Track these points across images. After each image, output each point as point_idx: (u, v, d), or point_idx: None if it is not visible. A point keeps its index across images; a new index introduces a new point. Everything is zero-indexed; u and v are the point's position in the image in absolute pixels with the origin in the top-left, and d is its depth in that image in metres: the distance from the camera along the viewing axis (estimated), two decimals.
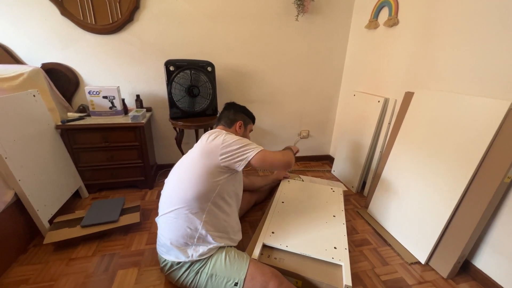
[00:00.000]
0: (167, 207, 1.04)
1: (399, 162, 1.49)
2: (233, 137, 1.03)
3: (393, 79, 1.70)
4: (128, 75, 1.84)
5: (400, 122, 1.52)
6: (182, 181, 1.03)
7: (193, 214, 0.98)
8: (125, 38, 1.74)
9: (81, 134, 1.59)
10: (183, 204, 0.99)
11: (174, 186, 1.05)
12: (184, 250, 0.98)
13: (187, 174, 1.02)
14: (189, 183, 1.00)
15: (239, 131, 1.21)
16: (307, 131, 2.41)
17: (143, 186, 1.84)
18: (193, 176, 1.00)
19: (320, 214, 1.36)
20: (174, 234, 1.00)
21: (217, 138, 1.02)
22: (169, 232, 1.02)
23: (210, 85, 1.77)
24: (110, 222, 1.35)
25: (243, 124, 1.23)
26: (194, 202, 0.98)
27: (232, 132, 1.16)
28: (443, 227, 1.18)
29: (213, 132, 1.09)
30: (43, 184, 1.34)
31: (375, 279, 1.18)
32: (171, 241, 1.00)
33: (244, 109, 1.28)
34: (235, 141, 1.01)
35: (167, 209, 1.03)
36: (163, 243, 1.03)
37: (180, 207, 0.99)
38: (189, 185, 0.99)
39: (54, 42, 1.65)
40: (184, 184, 1.01)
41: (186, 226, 0.98)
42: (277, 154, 1.09)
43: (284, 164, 1.10)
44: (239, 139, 1.03)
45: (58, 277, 1.11)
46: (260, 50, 2.01)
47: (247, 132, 1.29)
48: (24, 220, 1.25)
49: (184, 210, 0.99)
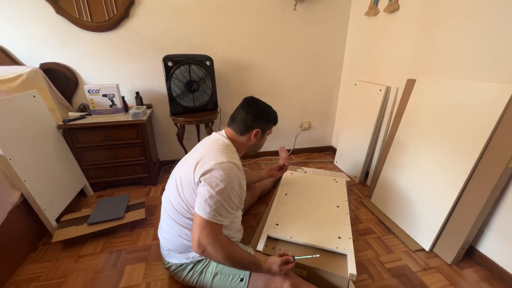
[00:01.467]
0: (164, 213, 1.02)
1: (402, 151, 1.48)
2: (223, 186, 0.83)
3: (395, 67, 1.67)
4: (127, 72, 1.83)
5: (402, 110, 1.50)
6: (174, 191, 0.95)
7: (185, 228, 0.94)
8: (121, 35, 1.72)
9: (83, 133, 1.59)
10: (175, 217, 0.96)
11: (169, 194, 0.99)
12: (185, 254, 0.98)
13: (178, 185, 0.94)
14: (178, 196, 0.93)
15: (254, 140, 1.01)
16: (308, 122, 2.40)
17: (147, 182, 1.85)
18: (181, 191, 0.93)
19: (324, 204, 1.37)
20: (171, 244, 0.99)
21: (201, 161, 0.87)
22: (166, 241, 1.01)
23: (209, 80, 1.75)
24: (116, 219, 1.37)
25: (261, 132, 1.02)
26: (183, 216, 0.93)
27: (242, 141, 1.01)
28: (447, 214, 1.19)
29: (213, 148, 0.93)
30: (48, 184, 1.35)
31: (379, 267, 1.19)
32: (169, 249, 1.00)
33: (267, 113, 1.03)
34: (218, 194, 0.83)
35: (164, 216, 1.02)
36: (163, 247, 1.04)
37: (173, 219, 0.96)
38: (178, 199, 0.93)
39: (51, 41, 1.64)
40: (175, 196, 0.95)
41: (181, 238, 0.96)
42: (228, 250, 0.85)
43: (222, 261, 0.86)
44: (223, 196, 0.84)
45: (68, 274, 1.13)
46: (258, 42, 1.98)
47: (264, 138, 1.08)
48: (32, 220, 1.27)
49: (177, 221, 0.95)
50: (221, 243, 0.84)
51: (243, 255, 0.89)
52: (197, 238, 0.83)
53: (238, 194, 0.90)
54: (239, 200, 0.92)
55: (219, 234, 0.86)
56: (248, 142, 1.03)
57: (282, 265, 0.89)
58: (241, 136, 1.01)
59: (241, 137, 1.01)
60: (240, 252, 0.89)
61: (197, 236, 0.83)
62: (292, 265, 0.91)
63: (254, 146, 1.07)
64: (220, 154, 0.90)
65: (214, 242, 0.83)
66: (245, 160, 2.31)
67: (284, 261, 0.90)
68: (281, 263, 0.89)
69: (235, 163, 0.90)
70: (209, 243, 0.82)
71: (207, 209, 0.83)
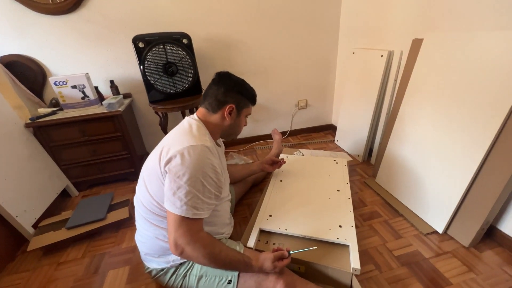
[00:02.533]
0: (137, 215, 0.89)
1: (409, 122, 1.30)
2: (193, 174, 0.70)
3: (397, 28, 1.46)
4: (98, 59, 1.65)
5: (408, 76, 1.31)
6: (142, 188, 0.83)
7: (159, 228, 0.83)
8: (85, 16, 1.52)
9: (55, 130, 1.45)
10: (148, 217, 0.84)
11: (139, 194, 0.86)
12: (164, 257, 0.86)
13: (146, 181, 0.82)
14: (146, 193, 0.81)
15: (229, 118, 0.86)
16: (305, 100, 2.21)
17: (134, 178, 1.73)
18: (149, 186, 0.81)
19: (323, 190, 1.23)
20: (147, 247, 0.88)
21: (166, 149, 0.75)
22: (143, 244, 0.90)
23: (189, 60, 1.57)
24: (97, 221, 1.26)
25: (236, 108, 0.87)
26: (155, 214, 0.81)
27: (216, 121, 0.86)
28: (464, 190, 1.03)
29: (180, 132, 0.81)
30: (19, 188, 1.24)
31: (387, 255, 1.06)
32: (147, 253, 0.89)
33: (241, 85, 0.89)
34: (188, 184, 0.70)
35: (138, 218, 0.89)
36: (141, 251, 0.92)
37: (147, 220, 0.84)
38: (147, 196, 0.81)
39: (6, 30, 1.46)
40: (144, 194, 0.82)
41: (157, 239, 0.84)
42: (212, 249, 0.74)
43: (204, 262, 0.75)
44: (195, 185, 0.71)
45: (45, 284, 1.05)
46: (242, 14, 1.76)
47: (242, 119, 0.92)
48: (6, 228, 1.17)
49: (150, 221, 0.84)
50: (201, 242, 0.72)
51: (230, 254, 0.77)
52: (173, 239, 0.71)
53: (214, 181, 0.76)
54: (216, 187, 0.78)
55: (198, 231, 0.73)
56: (222, 122, 0.87)
57: (275, 261, 0.77)
58: (213, 114, 0.87)
59: (214, 115, 0.87)
60: (225, 250, 0.77)
61: (172, 237, 0.71)
62: (287, 261, 0.80)
63: (230, 127, 0.90)
64: (188, 137, 0.76)
65: (193, 241, 0.71)
66: (240, 146, 2.17)
67: (277, 256, 0.78)
68: (274, 259, 0.77)
69: (206, 145, 0.75)
70: (186, 243, 0.70)
71: (178, 203, 0.70)
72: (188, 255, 0.73)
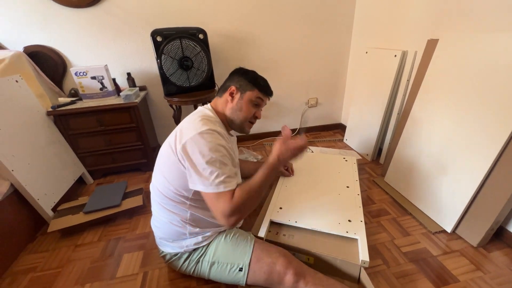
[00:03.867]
0: (153, 202, 0.94)
1: (421, 122, 1.31)
2: (205, 141, 0.74)
3: (412, 27, 1.46)
4: (117, 52, 1.71)
5: (421, 76, 1.31)
6: (159, 175, 0.88)
7: (174, 213, 0.87)
8: (106, 9, 1.57)
9: (74, 119, 1.51)
10: (163, 202, 0.88)
11: (155, 181, 0.91)
12: (178, 243, 0.90)
13: (159, 165, 0.87)
14: (163, 179, 0.85)
15: (230, 100, 0.89)
16: (315, 98, 2.22)
17: (146, 168, 1.78)
18: (163, 171, 0.85)
19: (332, 185, 1.25)
20: (162, 232, 0.92)
21: (187, 130, 0.79)
22: (158, 229, 0.94)
23: (204, 55, 1.60)
24: (113, 207, 1.31)
25: (238, 90, 0.89)
26: (170, 200, 0.85)
27: (222, 104, 0.90)
28: (475, 190, 1.04)
29: (192, 119, 0.84)
30: (41, 172, 1.30)
31: (395, 251, 1.08)
32: (161, 237, 0.93)
33: (245, 71, 0.93)
34: (201, 151, 0.73)
35: (153, 205, 0.94)
36: (156, 236, 0.97)
37: (162, 205, 0.89)
38: (163, 182, 0.85)
39: (32, 22, 1.52)
40: (160, 180, 0.86)
41: (172, 224, 0.88)
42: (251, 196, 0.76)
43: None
44: (208, 150, 0.73)
45: (64, 264, 1.10)
46: (257, 10, 1.79)
47: (245, 102, 0.90)
48: (27, 210, 1.23)
49: (165, 207, 0.88)
50: (239, 202, 0.72)
51: (255, 181, 0.78)
52: (219, 215, 0.73)
53: (229, 157, 0.79)
54: (232, 161, 0.81)
55: (234, 197, 0.73)
56: (226, 105, 0.90)
57: (286, 144, 0.80)
58: (220, 99, 0.92)
59: (220, 99, 0.92)
60: (252, 184, 0.77)
61: (218, 214, 0.73)
62: (302, 142, 0.82)
63: (233, 111, 0.90)
64: (200, 123, 0.79)
65: (234, 207, 0.71)
66: (249, 141, 2.20)
67: (285, 138, 0.82)
68: (282, 143, 0.81)
69: (216, 130, 0.78)
70: (231, 213, 0.72)
71: (207, 183, 0.73)
72: (239, 219, 0.75)
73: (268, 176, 0.80)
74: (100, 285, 1.00)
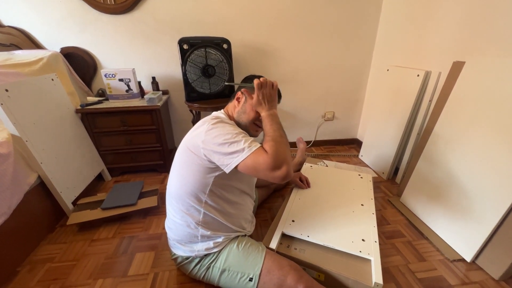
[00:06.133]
0: (168, 202, 0.97)
1: (443, 144, 1.28)
2: (218, 127, 0.79)
3: (437, 48, 1.45)
4: (144, 57, 1.79)
5: (445, 98, 1.29)
6: (175, 175, 0.91)
7: (188, 214, 0.89)
8: (139, 17, 1.67)
9: (100, 118, 1.59)
10: (176, 201, 0.91)
11: (170, 182, 0.94)
12: (190, 246, 0.92)
13: (175, 167, 0.91)
14: (181, 177, 0.88)
15: (237, 104, 0.92)
16: (332, 112, 2.22)
17: (163, 170, 1.83)
18: (179, 171, 0.88)
19: (347, 202, 1.23)
20: (174, 233, 0.95)
21: (200, 127, 0.83)
22: (171, 231, 0.97)
23: (227, 64, 1.65)
24: (129, 205, 1.35)
25: (243, 94, 0.90)
26: (185, 201, 0.88)
27: (231, 108, 0.94)
28: (499, 220, 0.99)
29: (203, 119, 0.88)
30: (66, 167, 1.36)
31: (409, 276, 1.04)
32: (174, 239, 0.96)
33: (252, 77, 0.93)
34: (219, 134, 0.77)
35: (168, 206, 0.97)
36: (169, 237, 0.99)
37: (175, 204, 0.91)
38: (181, 180, 0.88)
39: (70, 25, 1.63)
40: (177, 179, 0.90)
41: (185, 225, 0.90)
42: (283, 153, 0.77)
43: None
44: (225, 132, 0.77)
45: (80, 257, 1.14)
46: (280, 23, 1.83)
47: (248, 107, 0.91)
48: (49, 201, 1.29)
49: (180, 208, 0.90)
50: (275, 153, 0.73)
51: (270, 133, 0.80)
52: (268, 175, 0.74)
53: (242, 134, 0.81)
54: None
55: (266, 150, 0.75)
56: (234, 109, 0.93)
57: (269, 85, 0.86)
58: (230, 104, 0.96)
59: (230, 104, 0.96)
60: (270, 136, 0.79)
61: (266, 174, 0.74)
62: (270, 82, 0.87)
63: (238, 115, 0.92)
64: (213, 121, 0.82)
65: (274, 157, 0.72)
66: None
67: (263, 84, 0.85)
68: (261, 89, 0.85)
69: (227, 122, 0.84)
70: (274, 166, 0.72)
71: (240, 152, 0.74)
72: (287, 167, 0.74)
73: (273, 122, 0.83)
74: (112, 281, 1.02)
